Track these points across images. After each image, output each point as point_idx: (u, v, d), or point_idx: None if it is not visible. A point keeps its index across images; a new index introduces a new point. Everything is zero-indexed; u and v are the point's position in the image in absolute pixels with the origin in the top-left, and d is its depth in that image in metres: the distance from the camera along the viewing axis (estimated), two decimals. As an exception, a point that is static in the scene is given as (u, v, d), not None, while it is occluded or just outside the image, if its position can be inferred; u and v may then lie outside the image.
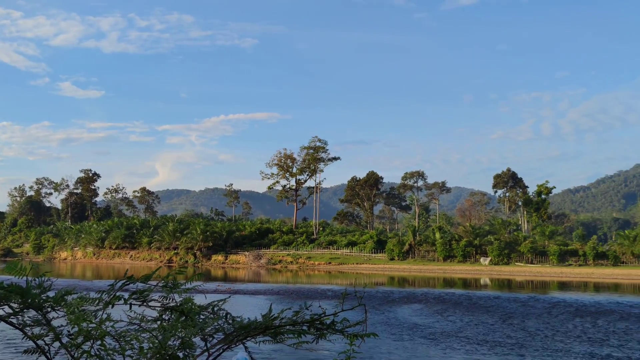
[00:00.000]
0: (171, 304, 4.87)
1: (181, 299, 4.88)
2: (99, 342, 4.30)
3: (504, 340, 24.51)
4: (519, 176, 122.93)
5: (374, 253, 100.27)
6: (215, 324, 4.84)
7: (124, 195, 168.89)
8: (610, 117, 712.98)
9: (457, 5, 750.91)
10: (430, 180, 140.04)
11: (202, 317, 4.94)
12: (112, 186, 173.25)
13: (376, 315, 32.12)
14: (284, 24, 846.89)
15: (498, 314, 33.33)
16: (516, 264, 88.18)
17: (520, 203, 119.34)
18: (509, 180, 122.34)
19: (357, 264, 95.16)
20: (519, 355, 21.43)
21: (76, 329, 4.22)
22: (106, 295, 4.73)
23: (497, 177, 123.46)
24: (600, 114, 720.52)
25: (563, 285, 61.58)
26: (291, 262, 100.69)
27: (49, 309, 4.54)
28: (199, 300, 5.33)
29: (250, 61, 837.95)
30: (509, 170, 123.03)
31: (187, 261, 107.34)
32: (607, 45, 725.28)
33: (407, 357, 21.22)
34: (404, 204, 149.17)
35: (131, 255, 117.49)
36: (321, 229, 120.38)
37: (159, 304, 4.93)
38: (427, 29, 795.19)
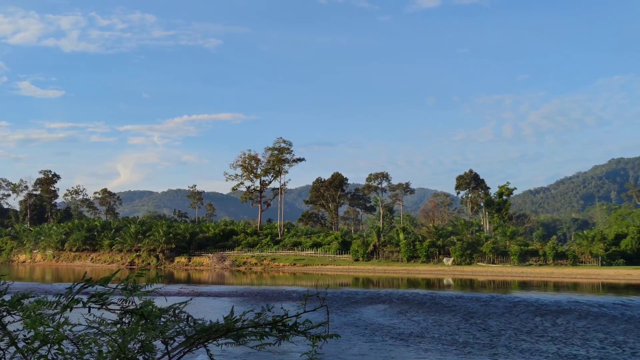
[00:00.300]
0: (131, 307, 4.80)
1: (141, 301, 4.81)
2: (56, 346, 4.21)
3: (473, 341, 24.81)
4: (480, 177, 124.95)
5: (339, 254, 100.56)
6: (177, 326, 4.79)
7: (85, 197, 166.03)
8: (569, 119, 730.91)
9: (420, 9, 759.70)
10: (394, 182, 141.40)
11: (163, 320, 4.88)
12: (73, 187, 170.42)
13: (342, 317, 32.20)
14: (248, 25, 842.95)
15: (461, 314, 33.76)
16: (478, 264, 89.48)
17: (482, 204, 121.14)
18: (471, 181, 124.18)
19: (322, 265, 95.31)
20: (491, 356, 21.69)
21: (32, 333, 4.13)
22: (64, 298, 4.64)
23: (459, 178, 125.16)
24: (559, 117, 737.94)
25: (524, 285, 62.71)
26: (255, 263, 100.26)
27: (5, 313, 4.44)
28: (160, 303, 5.27)
29: (214, 62, 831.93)
30: (471, 171, 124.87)
31: (149, 263, 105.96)
32: (566, 49, 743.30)
33: (383, 358, 21.34)
34: (368, 205, 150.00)
35: (92, 258, 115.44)
36: (286, 230, 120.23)
37: (118, 307, 4.85)
38: (391, 32, 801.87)
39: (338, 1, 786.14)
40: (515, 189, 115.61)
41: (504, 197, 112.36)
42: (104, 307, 4.80)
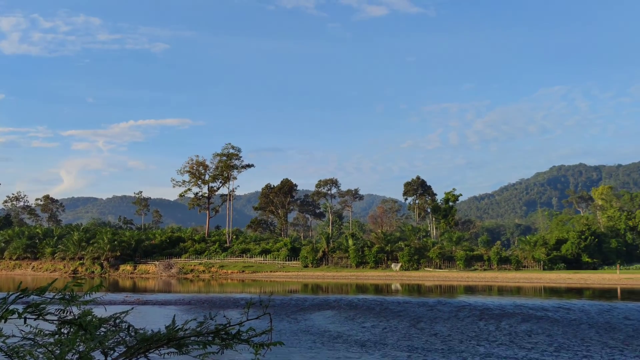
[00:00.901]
0: (69, 317, 4.65)
1: (80, 311, 4.67)
2: (-12, 360, 4.05)
3: (430, 347, 25.03)
4: (428, 184, 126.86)
5: (288, 260, 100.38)
6: (117, 336, 4.68)
7: (26, 204, 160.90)
8: (512, 127, 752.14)
9: (368, 17, 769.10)
10: (343, 188, 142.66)
11: (103, 330, 4.75)
12: (13, 194, 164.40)
13: (293, 324, 32.07)
14: (196, 29, 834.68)
15: (408, 319, 34.12)
16: (425, 269, 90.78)
17: (429, 210, 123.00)
18: (419, 187, 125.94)
19: (270, 272, 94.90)
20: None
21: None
22: (-2, 309, 4.47)
23: (407, 184, 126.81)
24: (503, 125, 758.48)
25: (469, 289, 63.91)
26: (203, 271, 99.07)
27: None
28: (101, 312, 5.13)
29: (161, 66, 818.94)
30: (418, 178, 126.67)
31: (93, 272, 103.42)
32: (509, 60, 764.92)
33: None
34: (318, 211, 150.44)
35: (33, 266, 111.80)
36: (234, 237, 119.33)
37: (56, 318, 4.69)
38: (340, 39, 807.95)
39: (287, 7, 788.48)
40: (461, 195, 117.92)
41: (450, 203, 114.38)
42: (40, 317, 4.64)
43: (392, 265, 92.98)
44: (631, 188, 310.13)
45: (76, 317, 4.64)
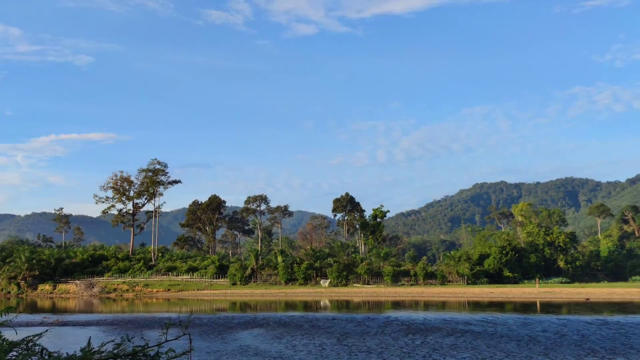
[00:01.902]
0: (-24, 342, 4.35)
1: (-12, 335, 4.38)
2: None
3: None
4: (356, 200, 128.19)
5: (216, 278, 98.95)
6: (29, 361, 4.40)
7: None
8: (437, 146, 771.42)
9: (298, 35, 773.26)
10: (273, 204, 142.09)
11: (14, 354, 4.47)
12: None
13: (225, 344, 31.45)
14: (122, 42, 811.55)
15: (336, 335, 34.19)
16: (354, 285, 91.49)
17: (358, 226, 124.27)
18: (348, 204, 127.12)
19: (198, 290, 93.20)
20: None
21: None
22: None
23: (336, 201, 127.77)
24: (428, 143, 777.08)
25: (397, 305, 64.79)
26: (127, 290, 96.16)
27: None
28: (13, 335, 4.84)
29: (85, 79, 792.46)
30: (347, 195, 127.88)
31: (9, 292, 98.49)
32: (433, 80, 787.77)
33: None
34: (247, 228, 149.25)
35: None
36: (160, 254, 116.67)
37: (-39, 342, 4.38)
38: (270, 56, 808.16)
39: (215, 23, 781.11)
40: (389, 211, 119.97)
41: (378, 220, 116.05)
42: (-57, 342, 4.32)
43: (321, 282, 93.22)
44: (549, 205, 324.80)
45: (-17, 342, 4.35)
